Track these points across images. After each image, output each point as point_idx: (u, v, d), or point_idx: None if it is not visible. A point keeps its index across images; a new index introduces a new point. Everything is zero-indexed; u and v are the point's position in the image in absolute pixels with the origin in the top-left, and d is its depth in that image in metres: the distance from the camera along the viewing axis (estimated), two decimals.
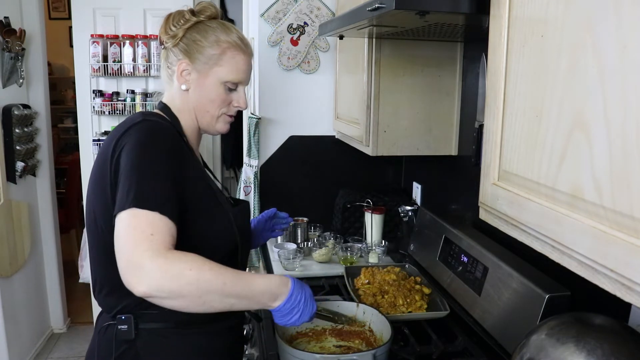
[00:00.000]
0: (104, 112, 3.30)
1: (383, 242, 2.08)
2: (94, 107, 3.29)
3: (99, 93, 3.30)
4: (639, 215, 0.61)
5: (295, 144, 2.43)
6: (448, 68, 1.81)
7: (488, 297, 1.40)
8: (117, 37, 3.28)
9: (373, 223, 2.13)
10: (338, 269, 1.89)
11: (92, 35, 3.24)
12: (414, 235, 1.99)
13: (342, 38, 1.88)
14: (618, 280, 0.65)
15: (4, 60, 2.89)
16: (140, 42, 3.27)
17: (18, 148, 2.94)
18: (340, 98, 2.26)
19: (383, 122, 1.79)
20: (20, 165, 2.98)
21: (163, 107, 1.21)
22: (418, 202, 2.24)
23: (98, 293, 1.15)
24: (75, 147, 3.87)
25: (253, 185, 2.39)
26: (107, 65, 3.27)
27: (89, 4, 3.25)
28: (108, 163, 1.04)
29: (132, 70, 3.30)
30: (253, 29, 2.41)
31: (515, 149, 0.89)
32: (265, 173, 2.42)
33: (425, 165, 2.21)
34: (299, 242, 2.16)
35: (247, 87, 1.26)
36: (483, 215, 1.01)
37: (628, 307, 1.04)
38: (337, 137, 2.36)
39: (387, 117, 1.79)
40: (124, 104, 3.30)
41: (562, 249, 0.76)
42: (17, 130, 2.92)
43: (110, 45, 3.25)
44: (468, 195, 1.81)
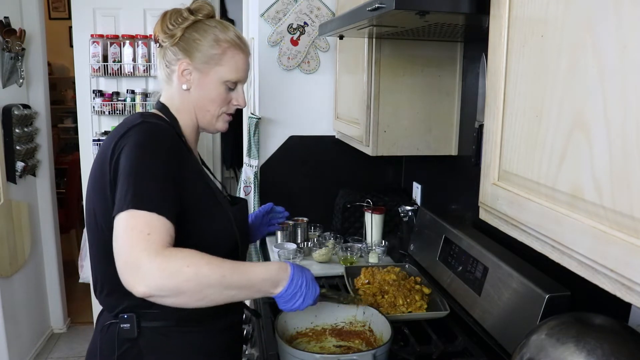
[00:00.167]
0: (104, 112, 3.30)
1: (383, 242, 2.08)
2: (94, 107, 3.29)
3: (99, 93, 3.30)
4: (639, 215, 0.61)
5: (295, 144, 2.43)
6: (448, 68, 1.81)
7: (488, 297, 1.39)
8: (117, 37, 3.28)
9: (373, 223, 2.13)
10: (338, 269, 1.89)
11: (92, 35, 3.24)
12: (414, 235, 1.99)
13: (342, 38, 1.88)
14: (618, 280, 0.65)
15: (4, 60, 2.90)
16: (140, 42, 3.27)
17: (18, 148, 2.94)
18: (340, 98, 2.26)
19: (383, 122, 1.79)
20: (20, 165, 2.98)
21: (161, 107, 1.20)
22: (418, 202, 2.24)
23: (99, 292, 1.15)
24: (75, 147, 3.87)
25: (253, 185, 2.39)
26: (107, 65, 3.27)
27: (89, 4, 3.25)
28: (107, 164, 1.04)
29: (132, 70, 3.30)
30: (253, 29, 2.41)
31: (515, 149, 0.88)
32: (265, 173, 2.42)
33: (425, 165, 2.20)
34: (299, 242, 2.16)
35: (245, 85, 1.26)
36: (483, 215, 1.01)
37: (628, 307, 1.04)
38: (337, 137, 2.36)
39: (387, 117, 1.79)
40: (124, 104, 3.30)
41: (562, 249, 0.76)
42: (17, 130, 2.92)
43: (110, 45, 3.26)
44: (468, 195, 1.81)
